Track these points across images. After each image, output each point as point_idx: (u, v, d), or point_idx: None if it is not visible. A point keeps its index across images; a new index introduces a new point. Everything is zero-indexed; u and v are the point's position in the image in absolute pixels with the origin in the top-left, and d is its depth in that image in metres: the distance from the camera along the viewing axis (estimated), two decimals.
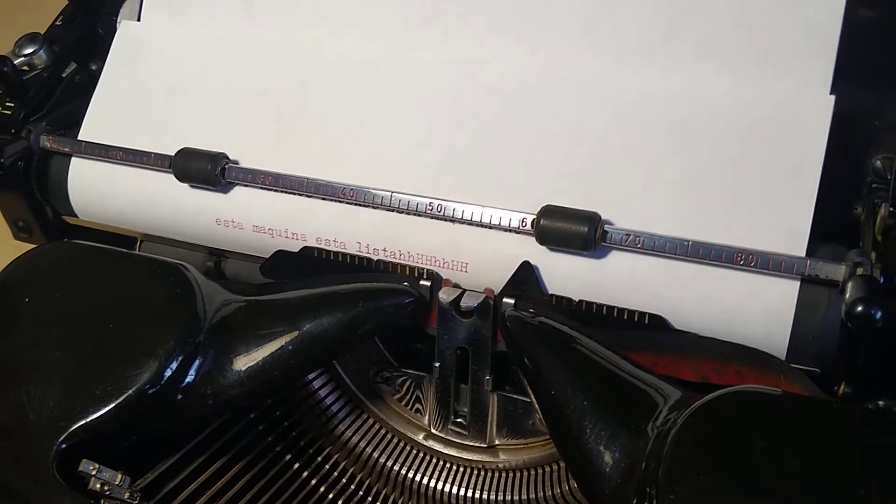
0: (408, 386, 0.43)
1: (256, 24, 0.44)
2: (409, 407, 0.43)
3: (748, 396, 0.31)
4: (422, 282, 0.38)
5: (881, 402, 0.32)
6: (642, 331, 0.35)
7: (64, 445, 0.34)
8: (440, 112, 0.39)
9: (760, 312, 0.33)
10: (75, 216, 0.46)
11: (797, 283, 0.33)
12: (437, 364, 0.40)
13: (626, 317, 0.35)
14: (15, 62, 0.44)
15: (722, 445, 0.30)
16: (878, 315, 0.30)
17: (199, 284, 0.39)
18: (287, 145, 0.42)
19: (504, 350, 0.38)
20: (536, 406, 0.38)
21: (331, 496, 0.40)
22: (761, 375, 0.32)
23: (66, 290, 0.40)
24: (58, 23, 0.46)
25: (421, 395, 0.43)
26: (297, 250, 0.41)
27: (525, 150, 0.38)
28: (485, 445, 0.41)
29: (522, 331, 0.37)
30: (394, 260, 0.39)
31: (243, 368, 0.38)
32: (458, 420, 0.41)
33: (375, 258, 0.40)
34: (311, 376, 0.43)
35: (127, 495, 0.35)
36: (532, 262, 0.37)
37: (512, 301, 0.37)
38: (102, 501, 0.35)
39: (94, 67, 0.46)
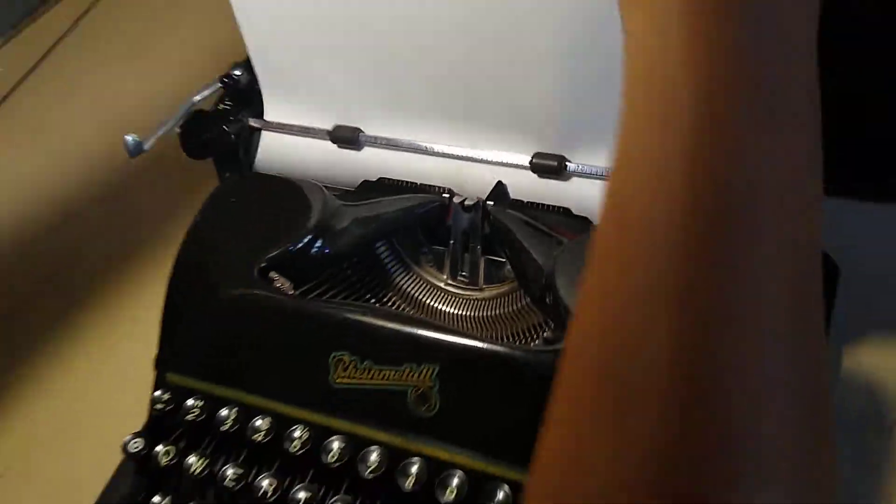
0: (435, 255, 0.62)
1: None
2: (435, 268, 0.63)
3: None
4: (444, 194, 0.60)
5: None
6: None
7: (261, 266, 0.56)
8: None
9: None
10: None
11: None
12: (452, 242, 0.60)
13: (551, 209, 0.60)
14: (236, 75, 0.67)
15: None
16: None
17: (324, 193, 0.60)
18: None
19: (488, 232, 0.59)
20: (507, 260, 0.59)
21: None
22: None
23: (243, 202, 0.63)
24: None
25: (443, 261, 0.62)
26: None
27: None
28: (476, 287, 0.61)
29: (497, 219, 0.58)
30: (430, 184, 0.62)
31: (343, 240, 0.60)
32: (463, 274, 0.61)
33: (419, 182, 0.62)
34: (378, 245, 0.62)
35: (290, 290, 0.57)
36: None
37: (492, 203, 0.59)
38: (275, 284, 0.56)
39: None
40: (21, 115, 1.16)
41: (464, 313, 0.61)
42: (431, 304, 0.62)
